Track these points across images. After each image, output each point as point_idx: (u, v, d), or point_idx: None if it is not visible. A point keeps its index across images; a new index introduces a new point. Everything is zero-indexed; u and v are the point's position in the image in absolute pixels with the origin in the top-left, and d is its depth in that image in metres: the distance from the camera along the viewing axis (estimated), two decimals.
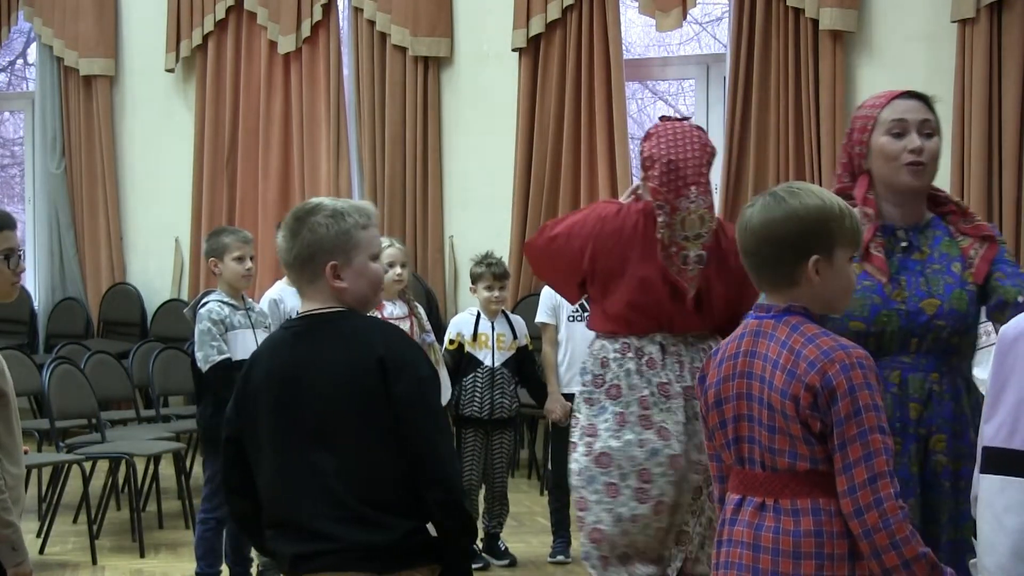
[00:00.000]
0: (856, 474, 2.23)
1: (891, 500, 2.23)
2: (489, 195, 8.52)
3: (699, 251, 3.80)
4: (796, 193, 2.37)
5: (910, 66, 7.71)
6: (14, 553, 2.86)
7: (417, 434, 2.58)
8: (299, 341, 2.69)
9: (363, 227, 2.68)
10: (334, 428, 2.59)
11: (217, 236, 5.19)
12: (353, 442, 2.58)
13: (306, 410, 2.62)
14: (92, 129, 9.64)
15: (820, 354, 2.28)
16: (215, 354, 4.92)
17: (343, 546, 2.56)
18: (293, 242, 2.68)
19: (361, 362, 2.59)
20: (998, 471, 2.23)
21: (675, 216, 3.78)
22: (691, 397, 3.79)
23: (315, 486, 2.58)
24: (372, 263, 2.70)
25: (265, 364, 2.73)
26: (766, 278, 2.41)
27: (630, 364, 3.84)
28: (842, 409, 2.25)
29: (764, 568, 2.32)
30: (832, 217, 2.34)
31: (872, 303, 2.92)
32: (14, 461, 2.91)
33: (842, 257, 2.36)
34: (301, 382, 2.64)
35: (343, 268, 2.65)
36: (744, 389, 2.38)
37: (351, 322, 2.67)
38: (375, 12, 8.74)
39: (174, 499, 6.86)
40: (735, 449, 2.40)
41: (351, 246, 2.65)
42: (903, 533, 2.23)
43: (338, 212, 2.66)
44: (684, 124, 3.92)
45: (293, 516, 2.62)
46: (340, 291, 2.66)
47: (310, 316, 2.70)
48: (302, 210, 2.70)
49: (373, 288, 2.72)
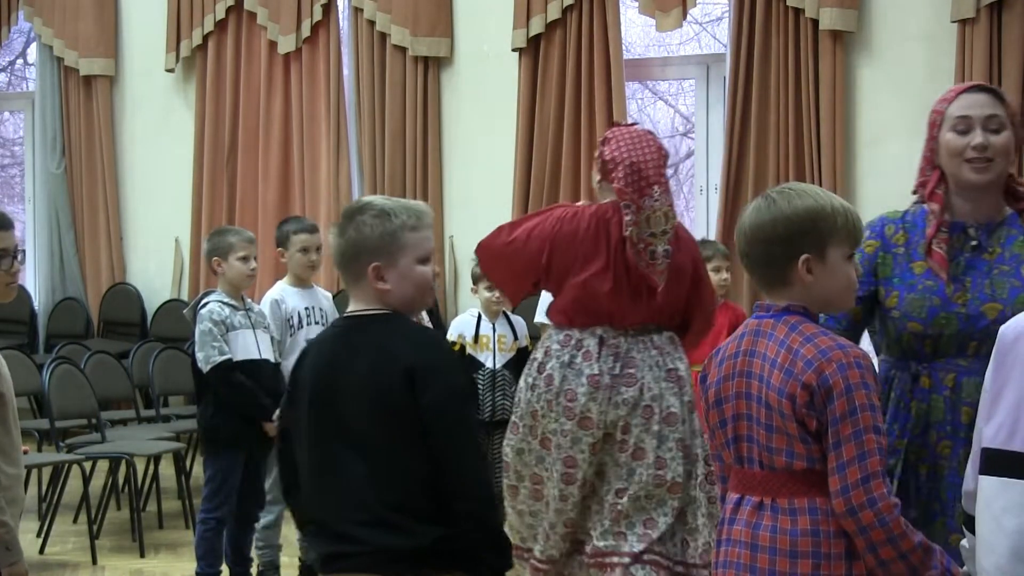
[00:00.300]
0: (850, 474, 2.24)
1: (885, 499, 2.24)
2: (489, 195, 8.51)
3: (665, 246, 4.04)
4: (786, 194, 2.39)
5: (910, 66, 7.71)
6: (8, 553, 2.85)
7: (444, 446, 2.54)
8: (337, 342, 2.67)
9: (412, 228, 2.62)
10: (362, 432, 2.57)
11: (221, 235, 5.19)
12: (380, 447, 2.56)
13: (337, 412, 2.60)
14: (92, 129, 9.64)
15: (817, 353, 2.28)
16: (216, 355, 4.92)
17: (368, 549, 2.55)
18: (340, 240, 2.65)
19: (388, 370, 2.55)
20: (997, 472, 2.23)
21: (640, 214, 4.01)
22: (620, 385, 4.00)
23: (344, 488, 2.58)
24: (419, 266, 2.63)
25: (310, 361, 2.70)
26: (760, 278, 2.42)
27: (566, 356, 4.06)
28: (838, 408, 2.25)
29: (762, 567, 2.32)
30: (822, 216, 2.34)
31: (931, 305, 2.86)
32: (11, 461, 2.90)
33: (837, 256, 2.36)
34: (334, 383, 2.62)
35: (387, 269, 2.61)
36: (743, 388, 2.38)
37: (387, 327, 2.62)
38: (375, 12, 8.74)
39: (174, 499, 6.86)
40: (734, 448, 2.40)
41: (396, 247, 2.60)
42: (899, 529, 2.24)
43: (386, 211, 2.61)
44: (638, 128, 4.15)
45: (323, 516, 2.63)
46: (383, 293, 2.62)
47: (351, 317, 2.67)
48: (352, 208, 2.67)
49: (419, 292, 2.66)
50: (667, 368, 4.03)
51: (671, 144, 11.20)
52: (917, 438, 2.85)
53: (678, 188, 10.96)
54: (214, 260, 5.10)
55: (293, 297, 5.41)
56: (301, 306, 5.41)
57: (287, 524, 5.49)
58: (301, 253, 5.40)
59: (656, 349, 4.04)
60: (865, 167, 7.83)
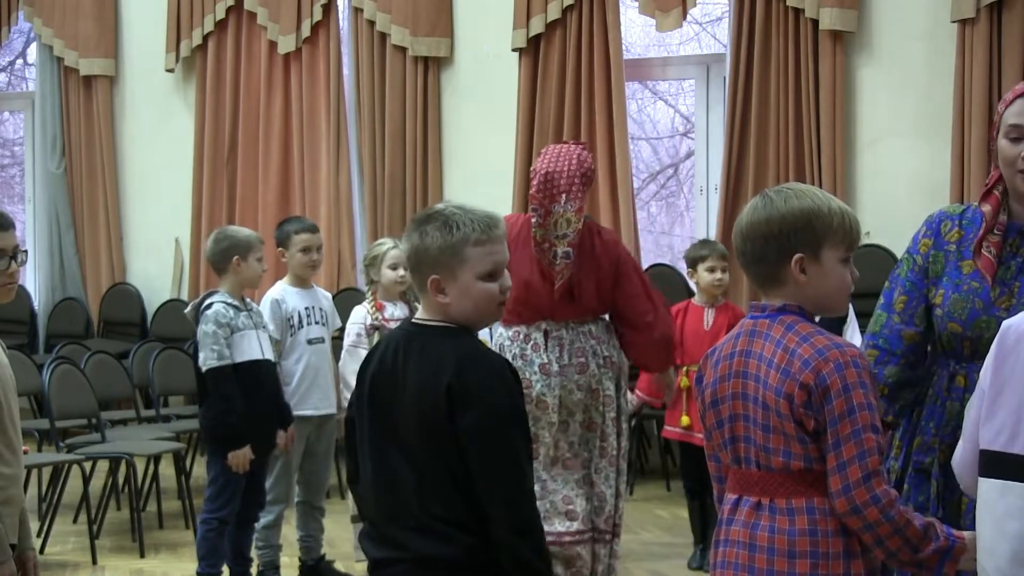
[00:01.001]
0: (851, 473, 2.24)
1: (887, 495, 2.25)
2: (489, 195, 8.49)
3: (566, 248, 4.45)
4: (783, 193, 2.38)
5: (910, 66, 7.71)
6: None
7: (481, 471, 2.48)
8: (398, 349, 2.62)
9: (476, 242, 2.51)
10: (410, 441, 2.55)
11: (233, 236, 5.15)
12: (426, 459, 2.53)
13: (390, 418, 2.59)
14: (92, 129, 9.65)
15: (814, 352, 2.28)
16: (215, 359, 4.89)
17: (409, 556, 2.54)
18: (407, 246, 2.59)
19: (433, 388, 2.50)
20: (998, 475, 2.23)
21: (548, 219, 4.48)
22: (568, 374, 4.51)
23: (394, 492, 2.57)
24: (481, 282, 2.52)
25: (376, 361, 2.67)
26: (754, 276, 2.42)
27: (516, 349, 4.57)
28: (836, 408, 2.25)
29: (760, 567, 2.32)
30: (818, 216, 2.33)
31: (972, 307, 2.83)
32: (7, 462, 2.89)
33: (831, 257, 2.36)
34: (390, 390, 2.59)
35: (447, 283, 2.52)
36: (740, 389, 2.38)
37: (442, 342, 2.55)
38: (375, 12, 8.75)
39: (174, 499, 6.86)
40: (731, 449, 2.40)
41: (456, 261, 2.50)
42: (903, 519, 2.26)
43: (451, 222, 2.51)
44: (567, 146, 4.63)
45: (376, 516, 2.63)
46: (443, 306, 2.55)
47: (415, 324, 2.63)
48: (423, 214, 2.59)
49: (477, 309, 2.55)
50: (604, 355, 4.56)
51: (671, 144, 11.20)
52: (948, 436, 2.83)
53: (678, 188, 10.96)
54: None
55: (293, 297, 5.42)
56: (301, 306, 5.41)
57: (287, 524, 5.50)
58: (302, 253, 5.41)
59: (595, 339, 4.56)
60: (865, 167, 7.84)
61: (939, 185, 7.47)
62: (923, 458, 2.88)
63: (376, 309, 5.40)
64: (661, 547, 6.14)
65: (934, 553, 2.28)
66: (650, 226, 10.84)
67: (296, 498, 5.52)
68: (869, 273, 8.77)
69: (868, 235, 7.56)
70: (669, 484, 7.44)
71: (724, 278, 5.65)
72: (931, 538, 2.28)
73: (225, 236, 5.12)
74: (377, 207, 8.79)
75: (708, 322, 5.61)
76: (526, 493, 2.53)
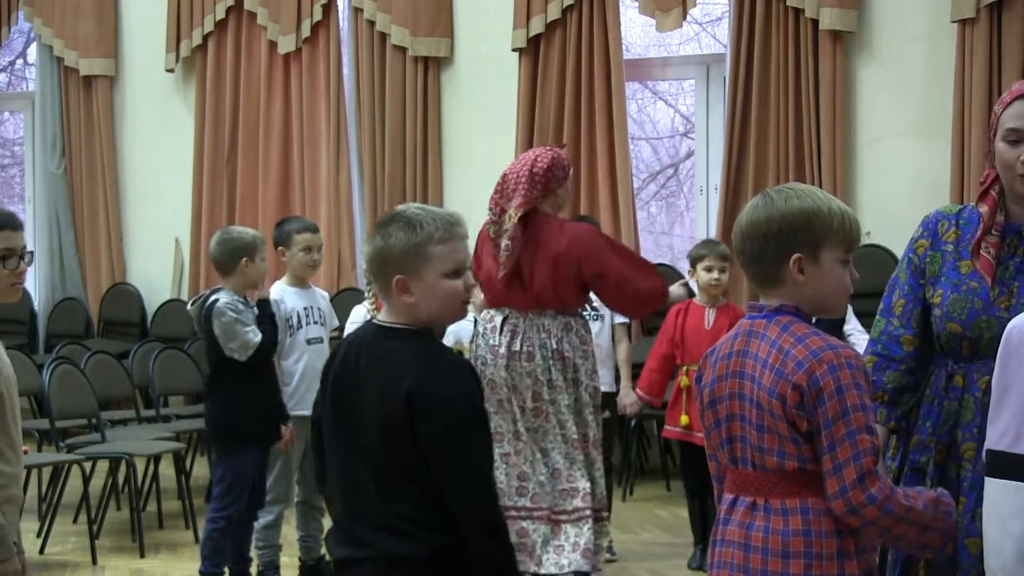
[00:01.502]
0: (846, 475, 2.24)
1: (882, 491, 2.25)
2: (489, 195, 8.50)
3: (507, 241, 4.84)
4: (784, 192, 2.38)
5: (910, 66, 7.71)
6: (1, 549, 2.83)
7: (445, 476, 2.49)
8: (363, 351, 2.62)
9: (439, 240, 2.53)
10: (371, 443, 2.55)
11: (240, 237, 5.16)
12: (387, 462, 2.54)
13: (351, 420, 2.59)
14: (92, 129, 9.65)
15: (808, 354, 2.28)
16: (254, 337, 4.95)
17: (375, 555, 2.54)
18: (369, 249, 2.61)
19: (392, 393, 2.50)
20: (1003, 475, 2.23)
21: (503, 217, 4.88)
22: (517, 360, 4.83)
23: (357, 492, 2.58)
24: (447, 280, 2.55)
25: (337, 362, 2.68)
26: (753, 275, 2.42)
27: (481, 328, 4.98)
28: (830, 410, 2.25)
29: (754, 567, 2.32)
30: (818, 216, 2.33)
31: (972, 307, 2.81)
32: (8, 461, 2.89)
33: (831, 258, 2.35)
34: (351, 392, 2.60)
35: (412, 282, 2.54)
36: (736, 389, 2.38)
37: (404, 345, 2.56)
38: (375, 12, 8.75)
39: (174, 499, 6.86)
40: (728, 449, 2.40)
41: (421, 260, 2.52)
42: (902, 508, 2.27)
43: (414, 222, 2.53)
44: (536, 149, 5.02)
45: (342, 517, 2.64)
46: (409, 306, 2.56)
47: (379, 327, 2.63)
48: (385, 217, 2.62)
49: (443, 308, 2.57)
50: (552, 348, 4.84)
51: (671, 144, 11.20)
52: (944, 436, 2.82)
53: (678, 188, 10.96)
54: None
55: (292, 297, 5.42)
56: (300, 306, 5.41)
57: (287, 524, 5.50)
58: (304, 252, 5.41)
59: (546, 332, 4.83)
60: (865, 167, 7.84)
61: (939, 185, 7.47)
62: (919, 457, 2.87)
63: (376, 309, 5.40)
64: (661, 547, 6.14)
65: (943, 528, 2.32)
66: (650, 226, 10.85)
67: (296, 498, 5.52)
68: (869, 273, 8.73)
69: (868, 235, 7.55)
70: (669, 484, 7.44)
71: (722, 279, 5.64)
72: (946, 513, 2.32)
73: (232, 238, 5.11)
74: (377, 207, 8.79)
75: (709, 322, 5.61)
76: (491, 493, 2.56)
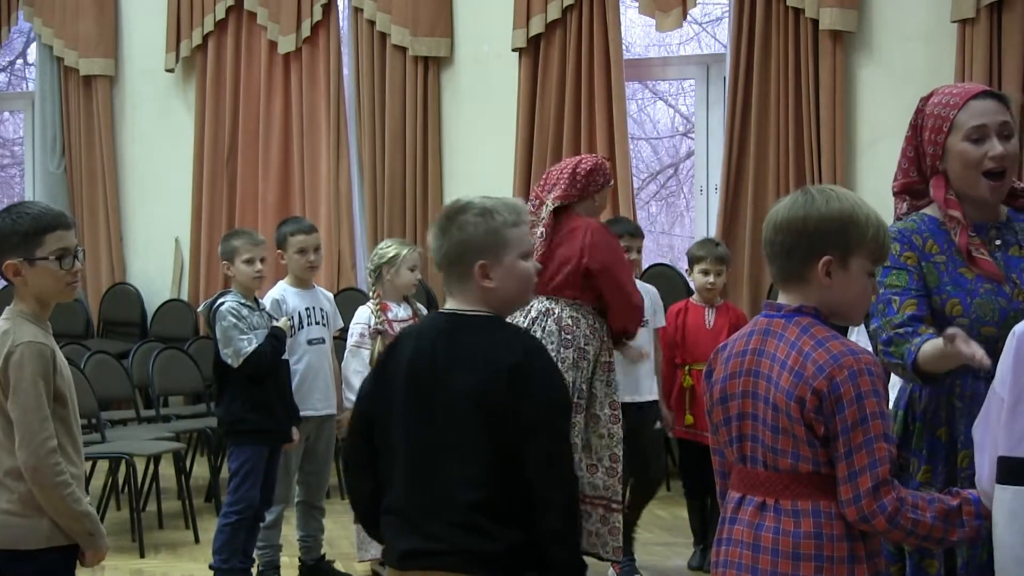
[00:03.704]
0: (861, 483, 2.23)
1: (893, 503, 2.24)
2: (489, 195, 8.49)
3: (541, 229, 4.92)
4: (826, 193, 2.36)
5: (910, 66, 7.71)
6: (92, 538, 3.03)
7: (541, 455, 2.54)
8: (441, 338, 2.65)
9: (513, 225, 2.64)
10: (460, 432, 2.57)
11: (228, 239, 5.24)
12: (474, 449, 2.55)
13: (438, 409, 2.60)
14: (92, 129, 9.64)
15: (829, 358, 2.26)
16: (246, 346, 4.96)
17: (451, 549, 2.55)
18: (443, 241, 2.65)
19: (492, 372, 2.55)
20: (1020, 482, 2.20)
21: (540, 208, 4.98)
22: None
23: (435, 485, 2.58)
24: (522, 261, 2.66)
25: (408, 352, 2.69)
26: (779, 270, 2.39)
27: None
28: (849, 416, 2.24)
29: (764, 568, 2.31)
30: (855, 222, 2.32)
31: (999, 306, 2.77)
32: (73, 462, 3.02)
33: (859, 267, 2.34)
34: (437, 381, 2.61)
35: (493, 267, 2.62)
36: (750, 387, 2.37)
37: (493, 329, 2.64)
38: (375, 12, 8.75)
39: (174, 499, 6.86)
40: (738, 447, 2.39)
41: (500, 244, 2.62)
42: (910, 523, 2.25)
43: (488, 210, 2.63)
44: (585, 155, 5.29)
45: (409, 510, 2.62)
46: (488, 291, 2.63)
47: (455, 315, 2.67)
48: (452, 208, 2.68)
49: (521, 288, 2.68)
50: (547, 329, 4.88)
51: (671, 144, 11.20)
52: None
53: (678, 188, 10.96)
54: (223, 264, 5.19)
55: (294, 297, 5.42)
56: (302, 306, 5.41)
57: (287, 524, 5.50)
58: (299, 254, 5.41)
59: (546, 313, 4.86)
60: (865, 167, 7.83)
61: None
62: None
63: (381, 310, 5.40)
64: (661, 547, 6.14)
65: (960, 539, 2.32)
66: (650, 226, 10.85)
67: (296, 498, 5.52)
68: None
69: None
70: (669, 484, 7.43)
71: (717, 282, 5.62)
72: (953, 524, 2.29)
73: (221, 242, 5.28)
74: (377, 207, 8.79)
75: (709, 321, 5.60)
76: (576, 477, 2.67)
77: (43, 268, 2.99)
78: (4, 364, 2.94)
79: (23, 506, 2.95)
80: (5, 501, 2.95)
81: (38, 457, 2.92)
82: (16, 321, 2.99)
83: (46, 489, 2.93)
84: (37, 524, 2.96)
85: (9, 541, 2.95)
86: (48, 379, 2.97)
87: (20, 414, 2.93)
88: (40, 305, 3.03)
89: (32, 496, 2.94)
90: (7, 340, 2.95)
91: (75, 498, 2.97)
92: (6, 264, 2.98)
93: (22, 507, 2.95)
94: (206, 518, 6.48)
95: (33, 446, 2.92)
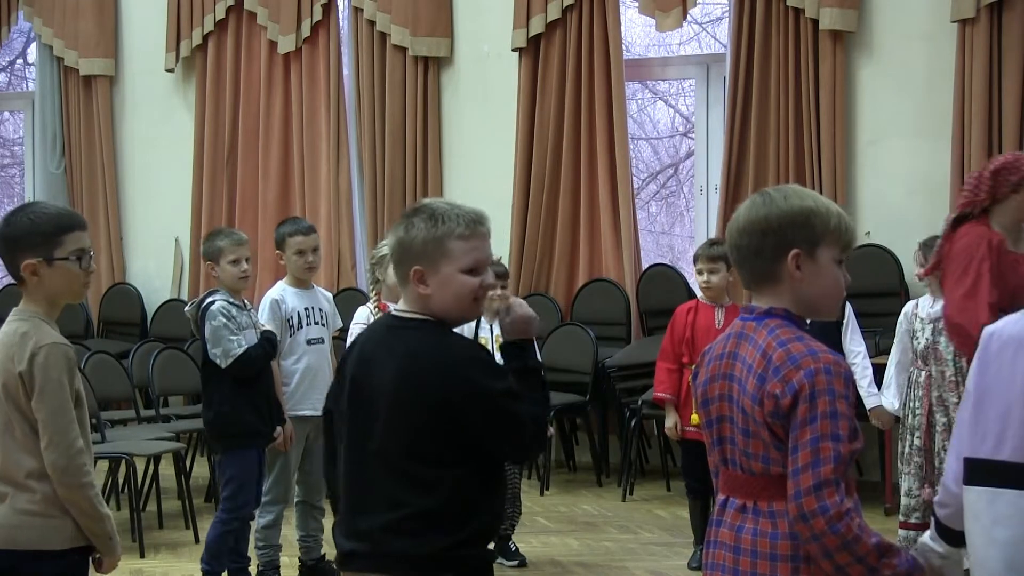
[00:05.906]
0: (802, 480, 2.21)
1: (836, 506, 2.19)
2: (489, 195, 8.48)
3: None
4: (783, 190, 2.39)
5: (910, 66, 7.71)
6: (110, 542, 3.06)
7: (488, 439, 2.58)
8: (377, 340, 2.66)
9: (460, 237, 2.56)
10: (385, 436, 2.57)
11: (211, 240, 5.22)
12: (401, 454, 2.55)
13: (366, 413, 2.61)
14: (92, 129, 9.65)
15: (787, 359, 2.26)
16: (236, 347, 4.96)
17: (380, 551, 2.56)
18: (393, 239, 2.66)
19: (414, 378, 2.54)
20: (984, 483, 2.21)
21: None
22: None
23: (364, 488, 2.59)
24: (463, 275, 2.57)
25: (356, 352, 2.71)
26: (749, 272, 2.40)
27: None
28: (799, 414, 2.23)
29: (744, 570, 2.32)
30: (817, 214, 2.34)
31: None
32: (91, 463, 3.04)
33: (828, 256, 2.35)
34: (367, 384, 2.62)
35: (428, 275, 2.57)
36: (726, 391, 2.38)
37: (426, 331, 2.59)
38: (375, 12, 8.74)
39: (174, 499, 6.86)
40: (719, 450, 2.40)
41: (440, 254, 2.55)
42: (851, 534, 2.19)
43: (438, 216, 2.56)
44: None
45: (346, 511, 2.65)
46: (425, 297, 2.59)
47: (396, 317, 2.66)
48: (410, 208, 2.66)
49: (456, 303, 2.59)
50: None
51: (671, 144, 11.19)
52: None
53: (678, 188, 10.96)
54: (207, 264, 5.17)
55: (293, 297, 5.42)
56: (301, 306, 5.41)
57: (287, 524, 5.50)
58: (297, 255, 5.40)
59: None
60: (865, 167, 7.83)
61: (939, 185, 7.47)
62: None
63: (379, 310, 5.40)
64: (661, 547, 6.14)
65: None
66: (650, 226, 10.85)
67: (295, 498, 5.52)
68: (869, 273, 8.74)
69: (868, 235, 7.56)
70: (669, 484, 7.44)
71: (711, 280, 5.59)
72: (891, 558, 2.21)
73: (202, 243, 5.30)
74: (377, 207, 8.79)
75: (719, 320, 5.58)
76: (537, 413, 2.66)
77: (61, 268, 2.98)
78: (29, 366, 2.94)
79: (47, 506, 2.95)
80: (28, 502, 2.95)
81: (68, 457, 2.93)
82: (34, 322, 2.98)
83: (74, 489, 2.94)
84: (62, 524, 2.97)
85: (35, 541, 2.95)
86: (72, 380, 2.98)
87: (48, 415, 2.93)
88: (51, 306, 3.03)
89: (55, 496, 2.95)
90: (28, 341, 2.94)
91: (100, 499, 3.00)
92: (25, 263, 2.97)
93: (46, 507, 2.95)
94: (206, 518, 6.46)
95: (63, 447, 2.93)
